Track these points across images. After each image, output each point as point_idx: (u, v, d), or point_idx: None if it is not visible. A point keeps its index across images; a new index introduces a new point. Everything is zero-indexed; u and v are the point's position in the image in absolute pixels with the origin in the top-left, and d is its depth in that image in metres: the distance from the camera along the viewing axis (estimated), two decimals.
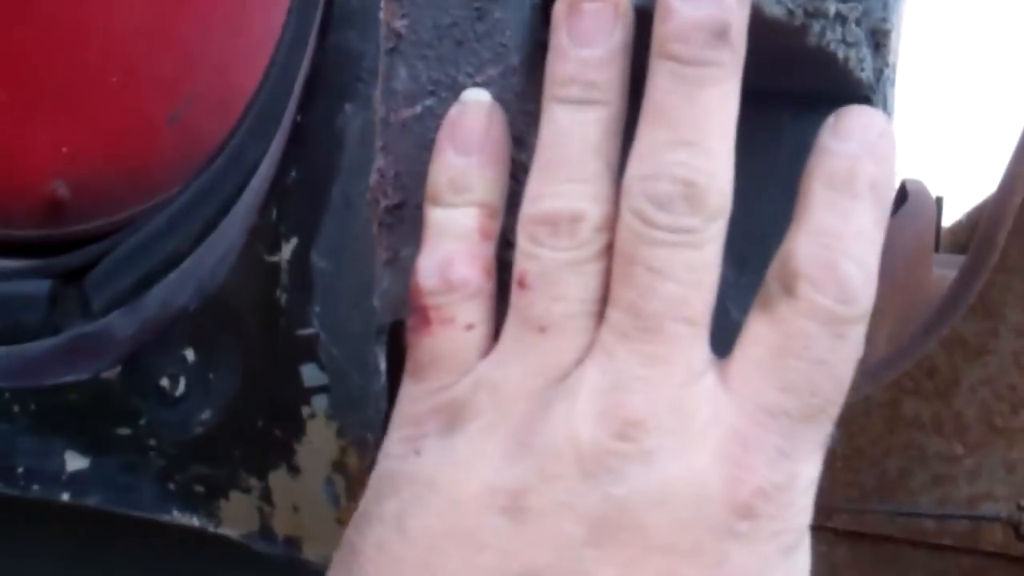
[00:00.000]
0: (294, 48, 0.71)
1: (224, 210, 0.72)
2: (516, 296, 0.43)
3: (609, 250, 0.43)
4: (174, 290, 0.70)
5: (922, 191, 1.49)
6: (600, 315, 0.43)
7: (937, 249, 1.64)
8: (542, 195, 0.44)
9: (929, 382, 1.24)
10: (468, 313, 0.45)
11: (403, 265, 0.53)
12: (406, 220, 0.53)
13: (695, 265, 0.42)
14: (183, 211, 0.77)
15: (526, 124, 0.52)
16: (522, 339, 0.43)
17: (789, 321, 0.41)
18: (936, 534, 1.25)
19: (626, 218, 0.42)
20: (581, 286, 0.43)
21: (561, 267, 0.42)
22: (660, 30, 0.43)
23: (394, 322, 0.56)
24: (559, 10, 0.46)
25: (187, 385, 0.67)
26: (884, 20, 0.59)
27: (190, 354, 0.67)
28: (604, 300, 0.43)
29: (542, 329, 0.42)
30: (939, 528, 1.25)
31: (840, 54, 0.53)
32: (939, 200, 1.88)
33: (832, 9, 0.52)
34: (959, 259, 1.55)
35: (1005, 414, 1.24)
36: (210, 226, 0.73)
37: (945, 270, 1.43)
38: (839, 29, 0.53)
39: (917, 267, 1.33)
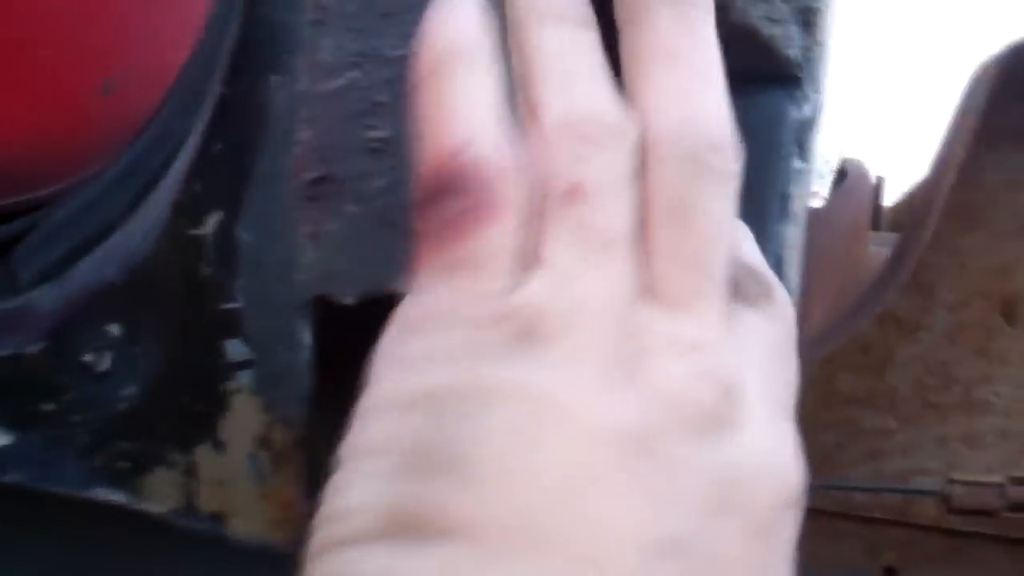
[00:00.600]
0: (222, 21, 0.70)
1: (151, 184, 0.71)
2: (564, 207, 0.38)
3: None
4: (100, 265, 0.69)
5: (859, 170, 1.50)
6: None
7: (878, 228, 1.65)
8: (574, 101, 0.39)
9: (863, 357, 1.25)
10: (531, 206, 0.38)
11: (327, 240, 0.53)
12: (330, 193, 0.52)
13: (730, 216, 0.40)
14: (111, 185, 0.76)
15: None
16: (584, 256, 0.37)
17: None
18: (869, 507, 1.26)
19: (674, 160, 0.39)
20: (634, 205, 0.38)
21: (619, 177, 0.38)
22: None
23: (317, 297, 0.55)
24: None
25: (112, 360, 0.66)
26: None
27: (115, 329, 0.66)
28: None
29: (605, 246, 0.37)
30: (872, 501, 1.26)
31: (765, 31, 0.53)
32: (880, 180, 1.89)
33: None
34: (894, 238, 1.57)
35: (937, 389, 1.26)
36: (138, 200, 0.71)
37: (883, 248, 1.45)
38: (763, 6, 0.53)
39: (853, 245, 1.34)
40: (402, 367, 0.37)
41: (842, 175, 1.49)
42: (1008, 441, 1.26)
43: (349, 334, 0.64)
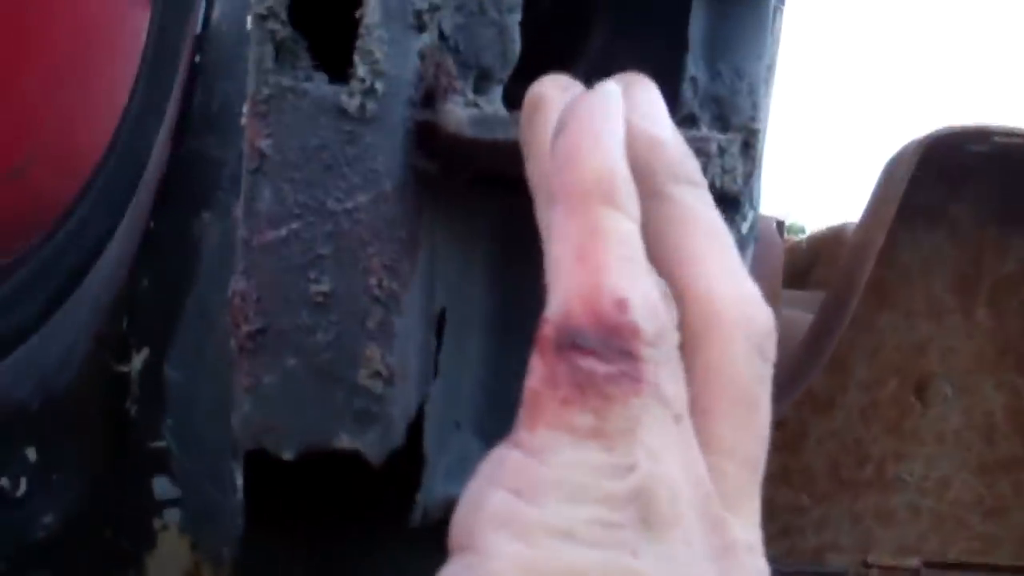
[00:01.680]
0: (143, 121, 0.68)
1: (68, 287, 0.68)
2: (653, 382, 0.35)
3: None
4: (12, 380, 0.66)
5: (769, 232, 1.51)
6: None
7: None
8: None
9: (778, 434, 1.25)
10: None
11: (265, 393, 0.51)
12: (269, 345, 0.51)
13: None
14: (25, 283, 0.73)
15: (398, 251, 0.50)
16: (666, 428, 0.35)
17: None
18: None
19: (742, 346, 0.38)
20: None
21: (675, 351, 0.36)
22: (665, 157, 0.41)
23: (252, 451, 0.54)
24: (609, 104, 0.40)
25: (28, 485, 0.63)
26: (753, 119, 0.60)
27: (31, 453, 0.63)
28: None
29: (677, 418, 0.35)
30: None
31: (717, 183, 0.53)
32: (780, 225, 1.92)
33: (714, 146, 0.52)
34: (801, 296, 1.59)
35: (851, 466, 1.27)
36: (53, 304, 0.69)
37: (790, 311, 1.46)
38: (719, 162, 0.53)
39: None
40: (528, 538, 0.33)
41: None
42: (920, 518, 1.28)
43: (283, 481, 0.63)
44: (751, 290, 0.39)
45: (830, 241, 1.75)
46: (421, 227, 0.53)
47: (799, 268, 1.91)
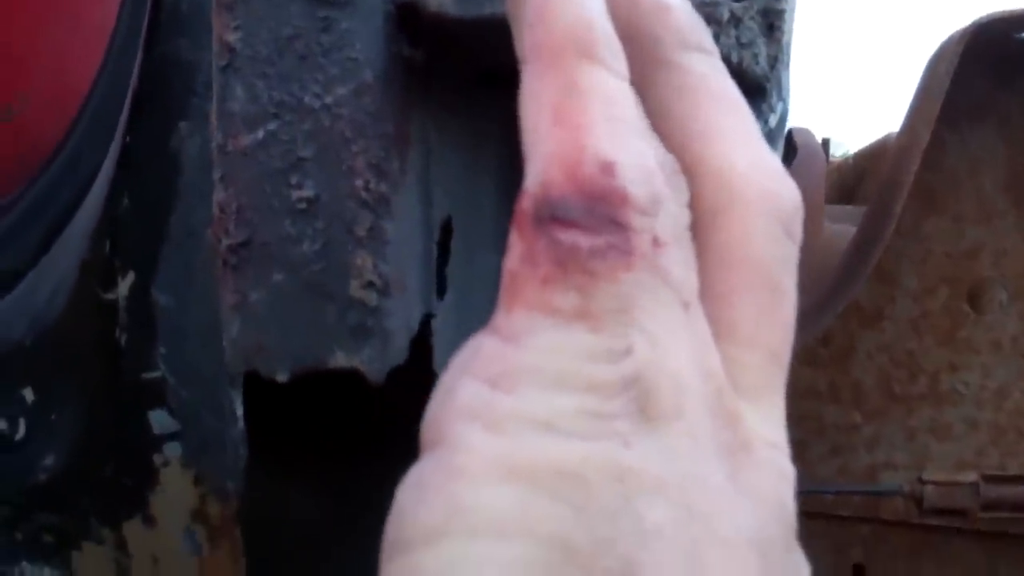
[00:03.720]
0: (127, 46, 0.64)
1: (60, 224, 0.65)
2: (647, 255, 0.31)
3: None
4: (7, 320, 0.63)
5: (811, 143, 1.46)
6: None
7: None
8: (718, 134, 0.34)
9: (824, 350, 1.21)
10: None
11: (253, 311, 0.48)
12: (253, 259, 0.47)
13: None
14: (18, 222, 0.70)
15: (384, 149, 0.46)
16: (672, 314, 0.32)
17: None
18: (835, 505, 1.23)
19: (764, 224, 0.34)
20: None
21: (686, 230, 0.33)
22: (671, 22, 0.36)
23: (248, 372, 0.50)
24: None
25: (28, 427, 0.61)
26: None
27: (28, 394, 0.60)
28: None
29: (686, 307, 0.32)
30: (838, 499, 1.23)
31: (734, 57, 0.49)
32: (825, 142, 1.86)
33: (725, 13, 0.47)
34: (847, 210, 1.53)
35: (903, 380, 1.22)
36: (46, 242, 0.66)
37: (835, 224, 1.41)
38: (733, 32, 0.48)
39: (808, 226, 1.29)
40: (502, 430, 0.29)
41: (791, 149, 1.44)
42: (978, 431, 1.23)
43: (284, 407, 0.59)
44: (773, 163, 0.35)
45: (877, 153, 1.69)
46: (411, 122, 0.49)
47: (846, 186, 1.85)
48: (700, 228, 0.33)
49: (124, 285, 0.54)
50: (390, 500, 0.62)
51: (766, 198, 0.34)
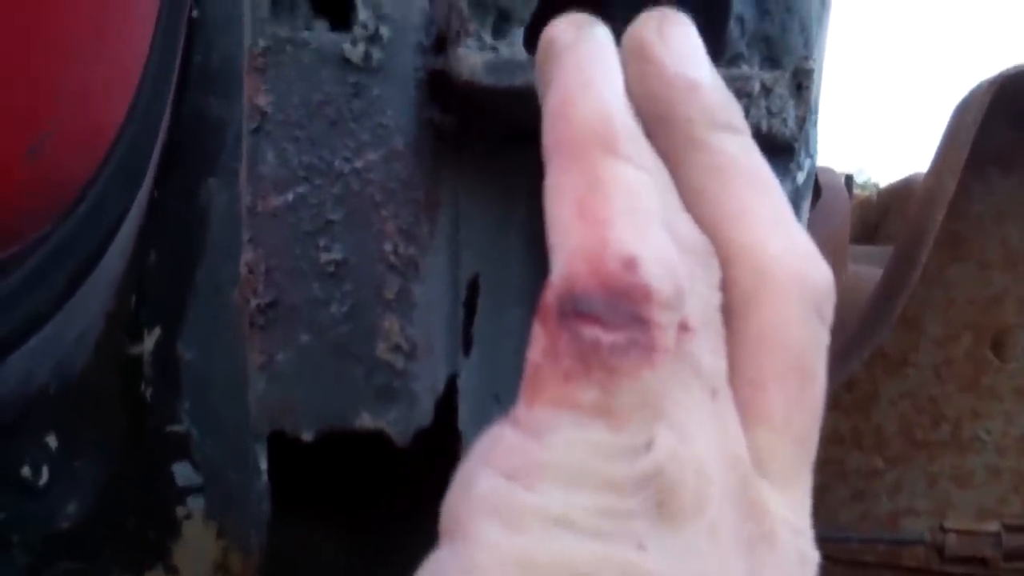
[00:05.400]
0: (158, 90, 0.64)
1: (86, 269, 0.65)
2: (671, 349, 0.31)
3: None
4: (32, 364, 0.63)
5: (835, 183, 1.45)
6: None
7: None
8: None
9: (848, 395, 1.20)
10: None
11: (279, 371, 0.48)
12: (280, 320, 0.47)
13: None
14: (44, 264, 0.70)
15: (414, 213, 0.46)
16: (697, 406, 0.31)
17: None
18: (858, 552, 1.22)
19: (797, 307, 0.34)
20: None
21: (717, 314, 0.33)
22: (701, 102, 0.36)
23: (273, 432, 0.50)
24: (648, 36, 0.36)
25: (51, 474, 0.61)
26: (806, 59, 0.55)
27: (52, 440, 0.60)
28: None
29: (714, 393, 0.32)
30: (861, 546, 1.22)
31: (763, 126, 0.49)
32: (848, 180, 1.85)
33: (757, 86, 0.47)
34: (869, 251, 1.52)
35: (925, 427, 1.22)
36: (73, 285, 0.66)
37: (858, 266, 1.40)
38: (763, 103, 0.48)
39: (834, 267, 1.29)
40: (519, 527, 0.29)
41: (816, 191, 1.43)
42: (1000, 479, 1.22)
43: (310, 465, 0.59)
44: (805, 244, 0.34)
45: (901, 192, 1.69)
46: (441, 187, 0.49)
47: (869, 222, 1.85)
48: (732, 311, 0.33)
49: (150, 339, 0.54)
50: (410, 560, 0.62)
51: (799, 281, 0.33)
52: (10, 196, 0.81)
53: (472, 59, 0.44)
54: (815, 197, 1.43)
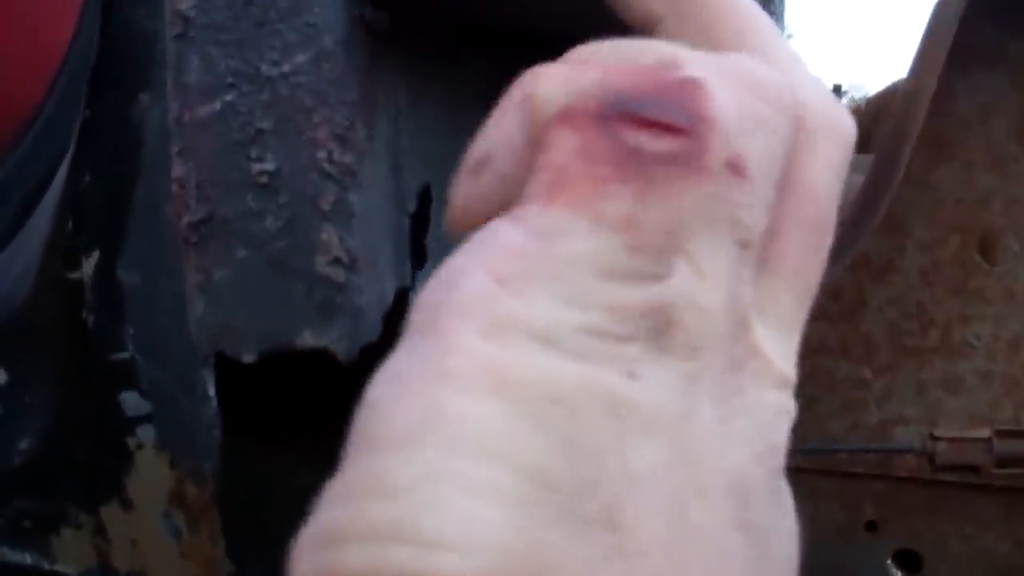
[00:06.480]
0: (100, 9, 0.62)
1: (38, 194, 0.63)
2: (719, 183, 0.29)
3: None
4: None
5: None
6: None
7: None
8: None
9: (834, 304, 1.18)
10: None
11: (217, 290, 0.45)
12: (215, 236, 0.45)
13: None
14: None
15: (348, 117, 0.44)
16: (723, 255, 0.29)
17: None
18: (847, 463, 1.21)
19: (828, 152, 0.32)
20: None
21: (776, 162, 0.30)
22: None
23: (215, 353, 0.48)
24: None
25: (3, 409, 0.59)
26: None
27: (2, 375, 0.58)
28: None
29: (744, 247, 0.29)
30: (851, 457, 1.21)
31: None
32: (837, 88, 1.82)
33: None
34: (858, 159, 1.50)
35: (914, 333, 1.20)
36: (22, 214, 0.64)
37: (850, 176, 1.38)
38: None
39: None
40: (500, 337, 0.27)
41: None
42: (991, 384, 1.20)
43: (254, 387, 0.57)
44: (830, 93, 0.33)
45: (888, 99, 1.66)
46: (378, 88, 0.47)
47: (861, 131, 1.81)
48: None
49: (89, 264, 0.51)
50: None
51: (833, 129, 0.32)
52: None
53: None
54: None
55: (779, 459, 0.29)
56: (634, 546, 0.26)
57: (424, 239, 0.52)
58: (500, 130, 0.30)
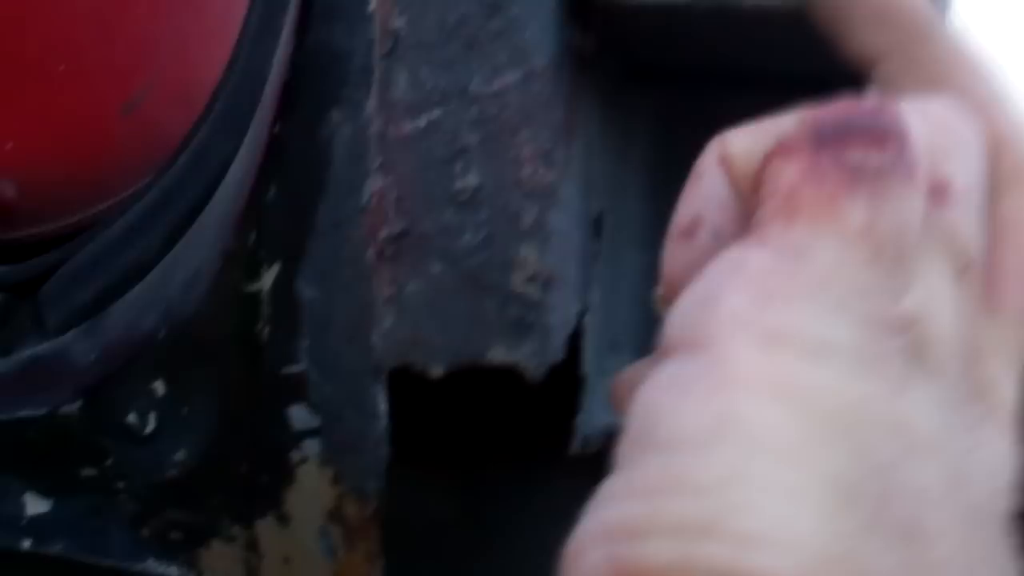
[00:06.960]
0: (263, 34, 0.63)
1: (190, 216, 0.65)
2: (931, 208, 0.30)
3: None
4: (138, 310, 0.62)
5: None
6: None
7: None
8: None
9: None
10: None
11: (409, 303, 0.46)
12: (411, 250, 0.46)
13: None
14: (145, 215, 0.69)
15: (552, 137, 0.45)
16: (948, 274, 0.30)
17: None
18: None
19: None
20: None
21: (981, 185, 0.32)
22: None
23: (396, 372, 0.49)
24: None
25: (158, 421, 0.60)
26: None
27: (160, 387, 0.60)
28: None
29: (964, 269, 0.30)
30: None
31: None
32: None
33: None
34: None
35: None
36: (176, 234, 0.65)
37: None
38: None
39: None
40: (776, 348, 0.27)
41: None
42: None
43: (432, 405, 0.58)
44: None
45: None
46: (577, 114, 0.48)
47: None
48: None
49: (268, 276, 0.53)
50: (530, 502, 0.61)
51: None
52: (109, 150, 0.81)
53: None
54: None
55: (1004, 504, 0.29)
56: (934, 560, 0.26)
57: (595, 264, 0.53)
58: (703, 192, 0.32)
